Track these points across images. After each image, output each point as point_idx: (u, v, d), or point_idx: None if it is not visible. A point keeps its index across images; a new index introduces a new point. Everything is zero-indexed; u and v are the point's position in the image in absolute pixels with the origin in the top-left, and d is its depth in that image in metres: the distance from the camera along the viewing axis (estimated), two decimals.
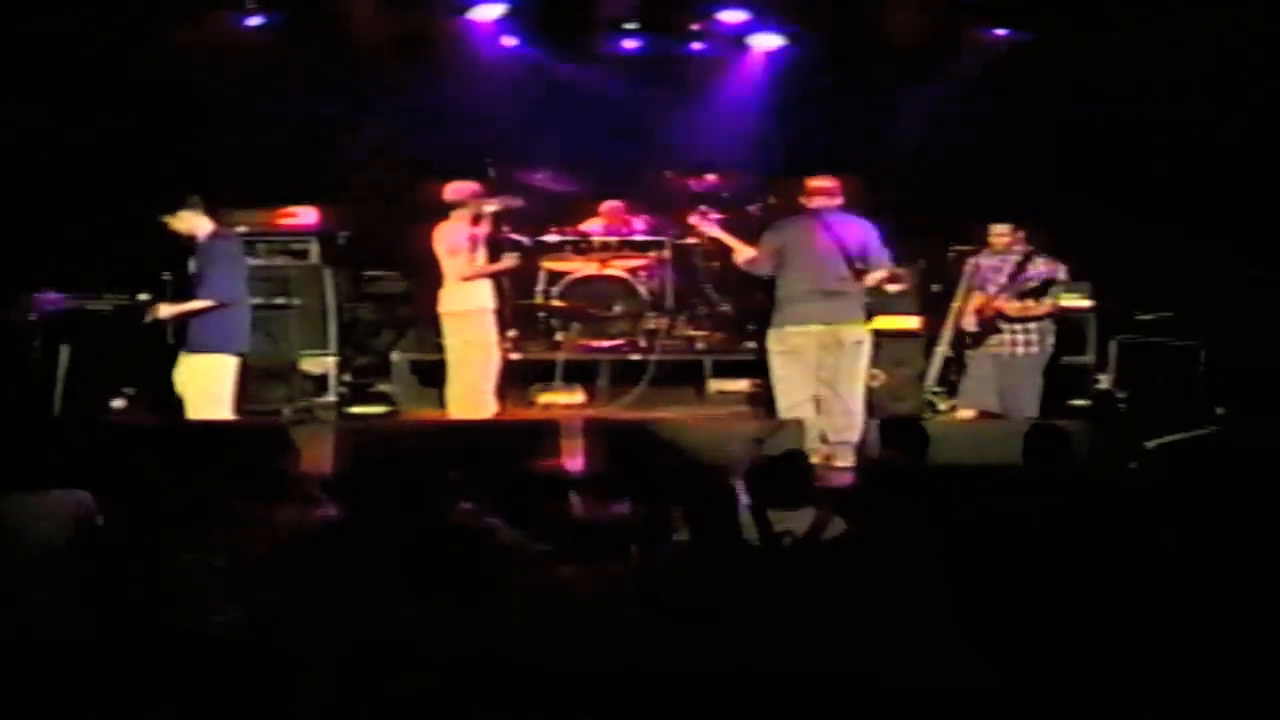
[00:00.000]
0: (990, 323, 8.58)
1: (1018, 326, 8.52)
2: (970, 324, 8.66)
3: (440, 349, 8.72)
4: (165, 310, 7.86)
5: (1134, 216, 9.62)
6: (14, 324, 8.37)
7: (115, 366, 8.58)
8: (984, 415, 8.60)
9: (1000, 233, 8.69)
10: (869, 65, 10.57)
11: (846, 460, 7.72)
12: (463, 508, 4.38)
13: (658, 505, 4.53)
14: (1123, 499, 4.69)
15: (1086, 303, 9.40)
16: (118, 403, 8.52)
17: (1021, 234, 8.66)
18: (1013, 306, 8.48)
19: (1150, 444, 7.07)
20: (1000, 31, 10.72)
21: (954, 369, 8.95)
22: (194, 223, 7.70)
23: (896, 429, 6.17)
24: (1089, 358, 9.40)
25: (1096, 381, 9.34)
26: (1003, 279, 8.59)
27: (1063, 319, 9.05)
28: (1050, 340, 8.60)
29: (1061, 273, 8.57)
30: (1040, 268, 8.53)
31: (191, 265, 7.91)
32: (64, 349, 8.28)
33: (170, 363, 7.95)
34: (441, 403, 8.73)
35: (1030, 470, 5.59)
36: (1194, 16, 9.56)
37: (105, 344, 8.49)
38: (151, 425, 7.90)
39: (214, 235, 7.76)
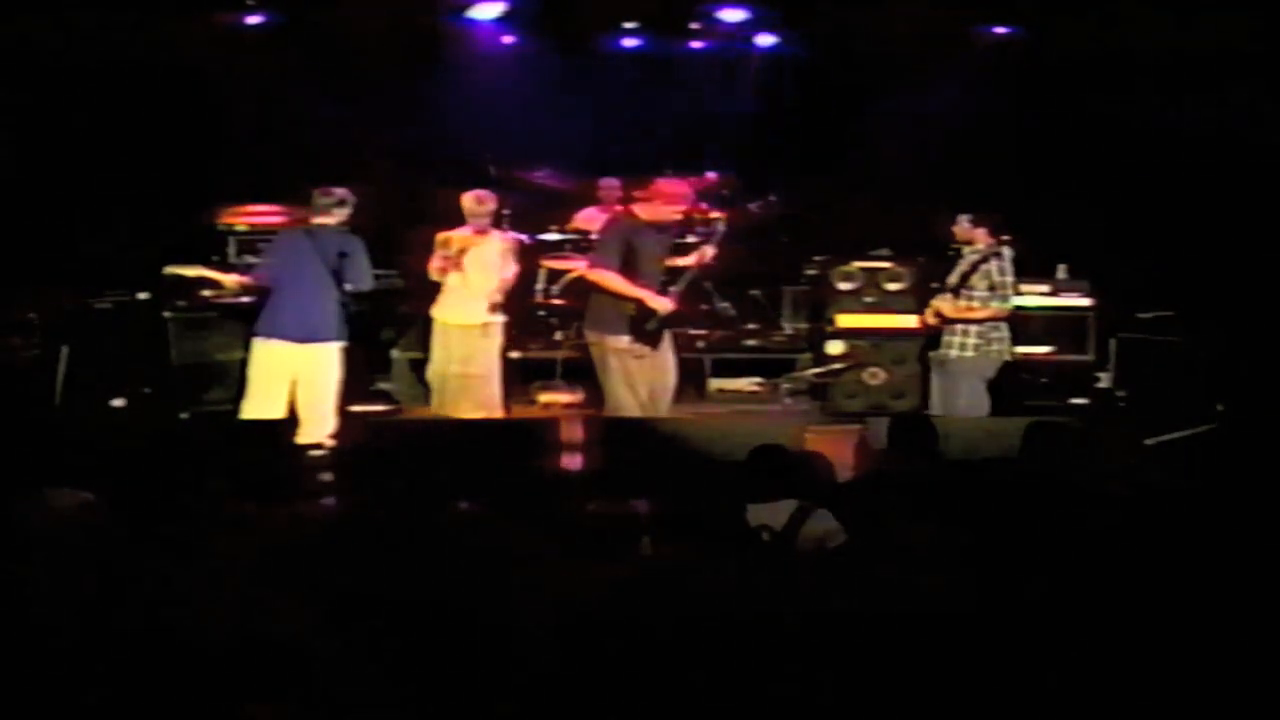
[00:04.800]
0: (943, 324, 8.26)
1: (958, 328, 8.17)
2: (931, 320, 8.36)
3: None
4: (224, 279, 8.21)
5: (1135, 215, 9.64)
6: (15, 323, 8.38)
7: (115, 366, 8.57)
8: None
9: (959, 224, 8.30)
10: (868, 63, 10.58)
11: None
12: (464, 507, 4.38)
13: (659, 503, 4.53)
14: (1122, 497, 4.70)
15: (1086, 302, 9.41)
16: (118, 402, 8.52)
17: (983, 229, 8.22)
18: (949, 308, 8.16)
19: (1150, 442, 7.09)
20: (1000, 30, 10.73)
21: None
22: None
23: (905, 427, 6.15)
24: (1089, 357, 9.40)
25: (1096, 380, 9.33)
26: (955, 278, 8.24)
27: (1062, 319, 9.06)
28: (997, 346, 8.17)
29: (1006, 275, 8.11)
30: (991, 270, 8.08)
31: None
32: (64, 349, 8.28)
33: (168, 361, 7.98)
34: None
35: (1028, 467, 5.59)
36: (1194, 16, 9.57)
37: (105, 344, 8.50)
38: (152, 424, 7.91)
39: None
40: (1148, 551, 3.83)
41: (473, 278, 8.50)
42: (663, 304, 7.81)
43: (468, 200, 8.53)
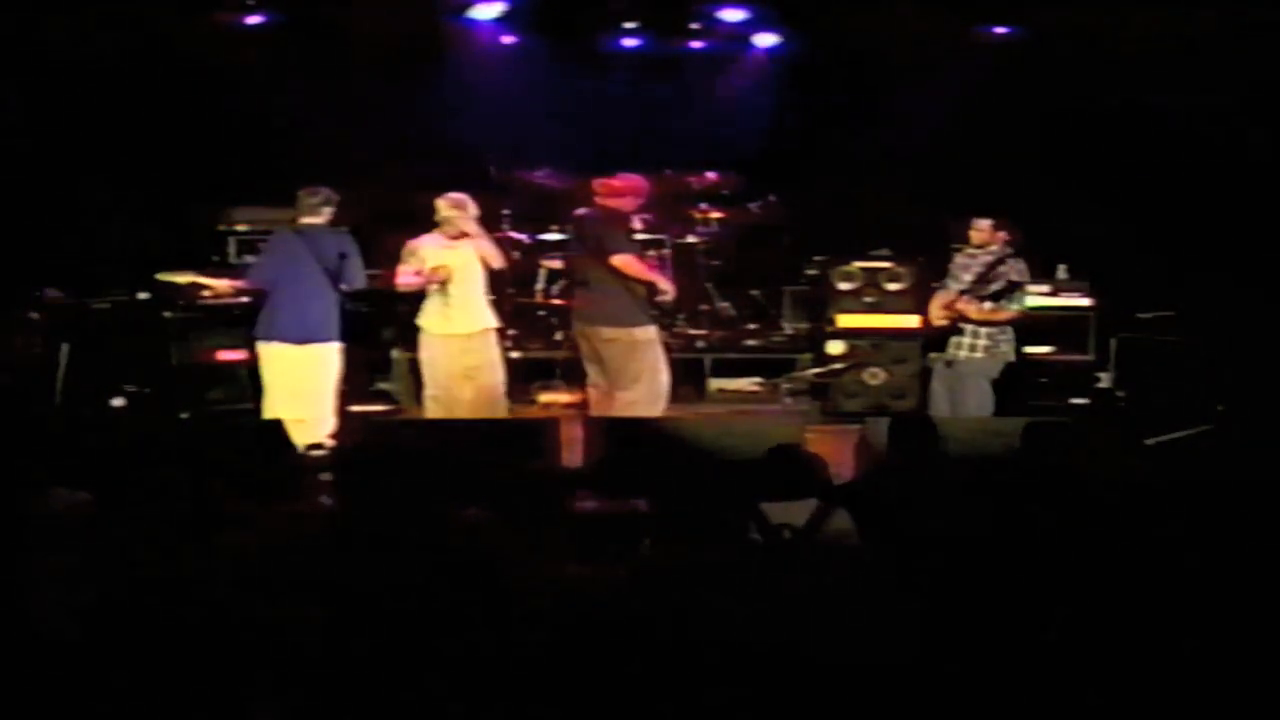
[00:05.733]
0: (953, 324, 8.28)
1: (968, 329, 8.21)
2: (939, 319, 8.37)
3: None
4: (216, 283, 8.30)
5: (1135, 215, 9.63)
6: (15, 322, 8.39)
7: (115, 365, 8.57)
8: None
9: (979, 228, 8.32)
10: (869, 63, 10.58)
11: None
12: (465, 507, 4.38)
13: (659, 503, 4.53)
14: (1121, 497, 4.69)
15: (1086, 302, 9.41)
16: (118, 402, 8.52)
17: (1002, 233, 8.30)
18: (974, 310, 8.17)
19: (1150, 442, 7.09)
20: (1000, 29, 10.73)
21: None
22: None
23: (905, 427, 6.15)
24: (1089, 357, 9.39)
25: (1097, 380, 9.33)
26: (968, 277, 8.29)
27: (1063, 319, 9.04)
28: (1004, 347, 8.25)
29: (1026, 277, 8.23)
30: (1010, 272, 8.16)
31: None
32: (64, 348, 8.28)
33: (168, 361, 7.97)
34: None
35: (1028, 466, 5.59)
36: (1195, 15, 9.58)
37: (105, 344, 8.50)
38: (151, 424, 7.91)
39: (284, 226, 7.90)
40: (1147, 551, 3.83)
41: (456, 290, 8.09)
42: (670, 287, 8.01)
43: (443, 205, 8.02)
